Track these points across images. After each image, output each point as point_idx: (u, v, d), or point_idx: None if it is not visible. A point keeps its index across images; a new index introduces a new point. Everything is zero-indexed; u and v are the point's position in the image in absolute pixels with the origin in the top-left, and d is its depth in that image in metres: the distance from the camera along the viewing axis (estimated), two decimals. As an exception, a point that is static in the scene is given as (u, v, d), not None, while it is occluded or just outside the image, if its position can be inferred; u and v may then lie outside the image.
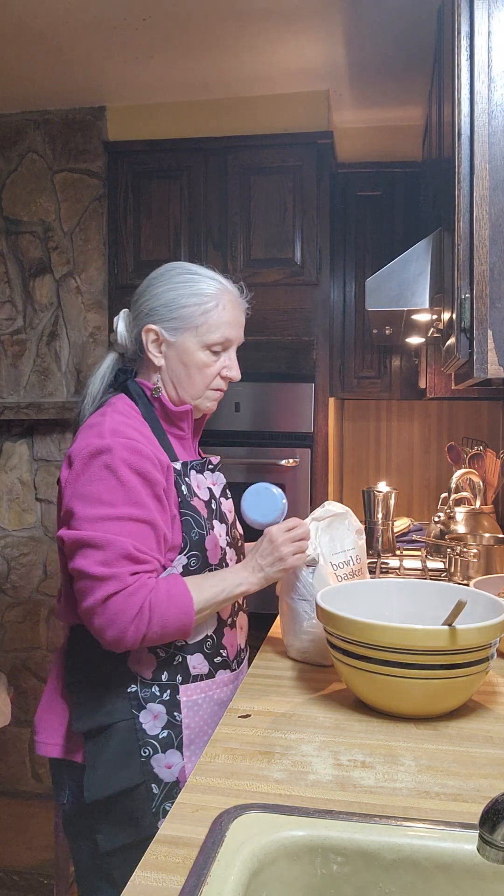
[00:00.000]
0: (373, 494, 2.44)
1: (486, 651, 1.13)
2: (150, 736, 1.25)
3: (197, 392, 1.36)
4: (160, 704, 1.26)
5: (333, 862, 0.82)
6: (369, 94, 2.89)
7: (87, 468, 1.21)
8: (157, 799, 1.24)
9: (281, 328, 2.90)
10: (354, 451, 3.58)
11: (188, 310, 1.32)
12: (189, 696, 1.28)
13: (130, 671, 1.26)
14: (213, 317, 1.33)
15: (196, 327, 1.32)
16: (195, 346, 1.33)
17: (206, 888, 0.73)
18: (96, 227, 3.03)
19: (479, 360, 1.22)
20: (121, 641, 1.18)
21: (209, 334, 1.33)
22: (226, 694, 1.34)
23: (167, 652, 1.28)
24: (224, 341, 1.35)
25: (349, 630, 1.14)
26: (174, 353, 1.34)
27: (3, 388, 3.13)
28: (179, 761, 1.26)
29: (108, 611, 1.16)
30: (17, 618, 3.12)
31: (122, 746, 1.23)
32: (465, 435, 3.35)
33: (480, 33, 1.22)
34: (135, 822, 1.23)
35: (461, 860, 0.80)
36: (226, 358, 1.37)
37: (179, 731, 1.26)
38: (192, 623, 1.22)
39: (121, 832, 1.23)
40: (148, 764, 1.24)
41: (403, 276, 1.69)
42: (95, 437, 1.23)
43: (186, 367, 1.34)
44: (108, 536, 1.17)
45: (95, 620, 1.18)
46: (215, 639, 1.33)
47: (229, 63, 2.68)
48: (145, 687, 1.26)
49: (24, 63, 2.66)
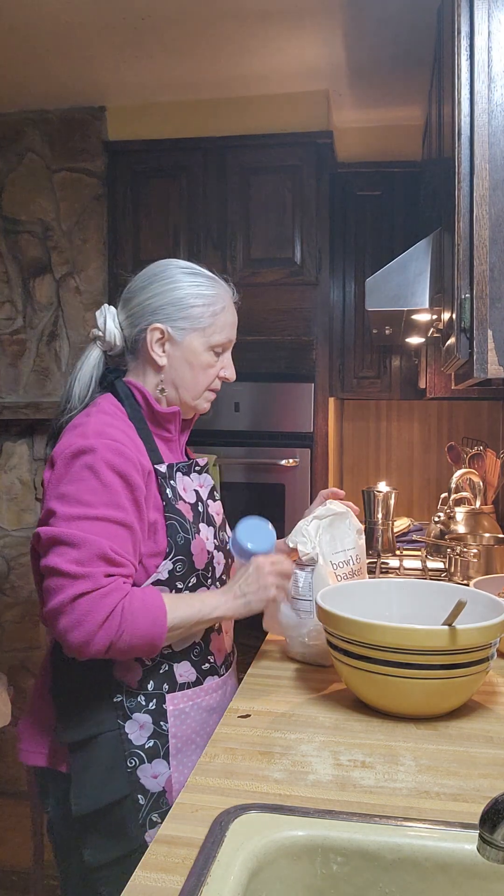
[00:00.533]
0: (373, 494, 2.44)
1: (486, 651, 1.13)
2: (135, 746, 1.22)
3: (198, 392, 1.36)
4: (146, 714, 1.23)
5: (333, 862, 0.82)
6: (369, 94, 2.89)
7: (69, 468, 1.18)
8: (143, 810, 1.21)
9: (281, 328, 2.89)
10: (354, 451, 3.58)
11: (197, 310, 1.31)
12: (176, 704, 1.26)
13: (116, 680, 1.23)
14: (221, 318, 1.34)
15: (204, 328, 1.32)
16: (201, 346, 1.32)
17: (206, 888, 0.73)
18: (95, 226, 3.03)
19: (479, 360, 1.22)
20: (86, 646, 1.12)
21: (215, 335, 1.33)
22: (214, 700, 1.32)
23: (153, 660, 1.25)
24: (226, 342, 1.36)
25: (349, 630, 1.14)
26: (179, 353, 1.32)
27: (3, 387, 3.13)
28: (166, 771, 1.23)
29: (76, 610, 1.11)
30: (16, 618, 3.12)
31: (109, 758, 1.21)
32: (465, 435, 3.35)
33: (480, 33, 1.22)
34: (122, 834, 1.20)
35: (461, 860, 0.80)
36: (223, 359, 1.38)
37: (166, 740, 1.24)
38: (163, 639, 1.17)
39: (108, 846, 1.20)
40: (134, 775, 1.21)
41: (403, 276, 1.69)
42: (79, 438, 1.21)
43: (192, 367, 1.33)
44: (84, 535, 1.14)
45: (61, 620, 1.12)
46: (203, 645, 1.31)
47: (229, 63, 2.67)
48: (131, 697, 1.23)
49: (24, 62, 2.66)
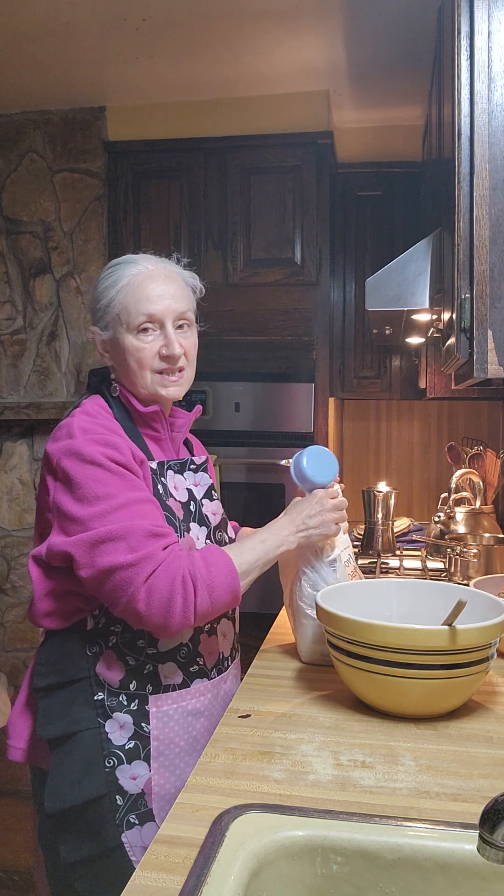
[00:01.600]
0: (373, 494, 2.44)
1: (486, 651, 1.13)
2: (115, 746, 1.20)
3: (143, 380, 1.29)
4: (127, 714, 1.22)
5: (333, 862, 0.82)
6: (369, 94, 2.89)
7: (70, 471, 1.17)
8: (121, 811, 1.19)
9: (281, 328, 2.90)
10: (354, 451, 3.58)
11: (104, 301, 1.30)
12: (159, 706, 1.23)
13: (98, 678, 1.22)
14: (129, 298, 1.27)
15: (118, 315, 1.28)
16: (123, 333, 1.28)
17: (206, 888, 0.73)
18: (96, 226, 3.03)
19: (479, 360, 1.22)
20: (171, 620, 1.13)
21: (130, 317, 1.27)
22: (202, 704, 1.29)
23: (137, 660, 1.23)
24: (149, 318, 1.27)
25: (349, 630, 1.14)
26: (111, 348, 1.31)
27: (3, 388, 3.13)
28: (146, 773, 1.21)
29: (152, 592, 1.12)
30: (17, 618, 3.12)
31: (87, 756, 1.19)
32: (465, 435, 3.35)
33: (480, 33, 1.22)
34: (97, 833, 1.18)
35: (461, 860, 0.80)
36: (162, 336, 1.29)
37: (147, 742, 1.22)
38: (240, 586, 1.19)
39: (83, 843, 1.19)
40: (112, 775, 1.20)
41: (403, 276, 1.69)
42: (66, 439, 1.20)
43: (123, 356, 1.29)
44: (122, 524, 1.13)
45: (141, 608, 1.12)
46: (191, 647, 1.28)
47: (229, 63, 2.67)
48: (112, 696, 1.22)
49: (24, 63, 2.66)
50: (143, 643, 1.23)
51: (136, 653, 1.23)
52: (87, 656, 1.22)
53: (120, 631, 1.23)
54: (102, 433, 1.22)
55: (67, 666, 1.23)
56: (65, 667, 1.23)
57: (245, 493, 2.88)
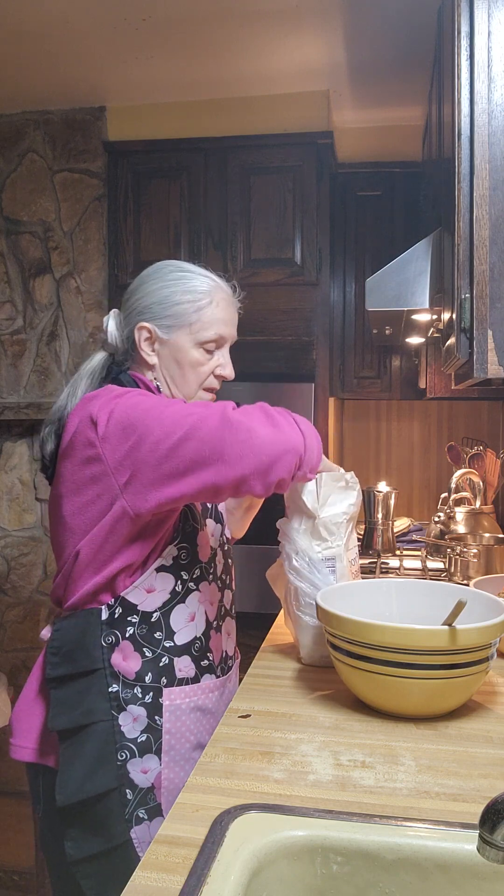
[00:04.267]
0: (373, 494, 2.44)
1: (486, 651, 1.13)
2: (128, 739, 1.20)
3: (190, 391, 1.35)
4: (141, 707, 1.22)
5: (333, 862, 0.82)
6: (369, 94, 2.89)
7: (128, 400, 1.20)
8: (130, 805, 1.19)
9: (281, 328, 2.90)
10: (354, 451, 3.58)
11: (182, 307, 1.31)
12: (172, 699, 1.24)
13: (113, 669, 1.22)
14: (207, 314, 1.32)
15: (190, 325, 1.31)
16: (189, 343, 1.32)
17: (207, 888, 0.73)
18: (96, 227, 3.03)
19: (479, 360, 1.22)
20: (254, 432, 1.18)
21: (203, 332, 1.32)
22: (210, 701, 1.30)
23: (154, 652, 1.24)
24: (218, 339, 1.34)
25: (349, 630, 1.14)
26: (167, 352, 1.32)
27: (3, 388, 3.13)
28: (156, 766, 1.22)
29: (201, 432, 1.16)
30: (17, 618, 3.12)
31: (99, 749, 1.19)
32: (465, 435, 3.35)
33: (480, 33, 1.22)
34: (106, 828, 1.18)
35: (461, 860, 0.80)
36: (219, 356, 1.36)
37: (159, 735, 1.22)
38: (300, 432, 1.25)
39: (91, 839, 1.18)
40: (124, 768, 1.20)
41: (403, 276, 1.69)
42: (107, 393, 1.22)
43: (180, 364, 1.33)
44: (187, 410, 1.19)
45: (223, 433, 1.16)
46: (203, 640, 1.30)
47: (229, 63, 2.67)
48: (127, 687, 1.22)
49: (24, 63, 2.66)
50: (161, 635, 1.24)
51: (153, 644, 1.24)
52: (102, 647, 1.22)
53: (137, 622, 1.24)
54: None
55: (81, 656, 1.22)
56: (78, 657, 1.22)
57: (245, 493, 2.87)
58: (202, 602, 1.31)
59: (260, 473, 1.17)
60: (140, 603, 1.24)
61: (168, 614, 1.26)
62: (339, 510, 1.39)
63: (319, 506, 1.37)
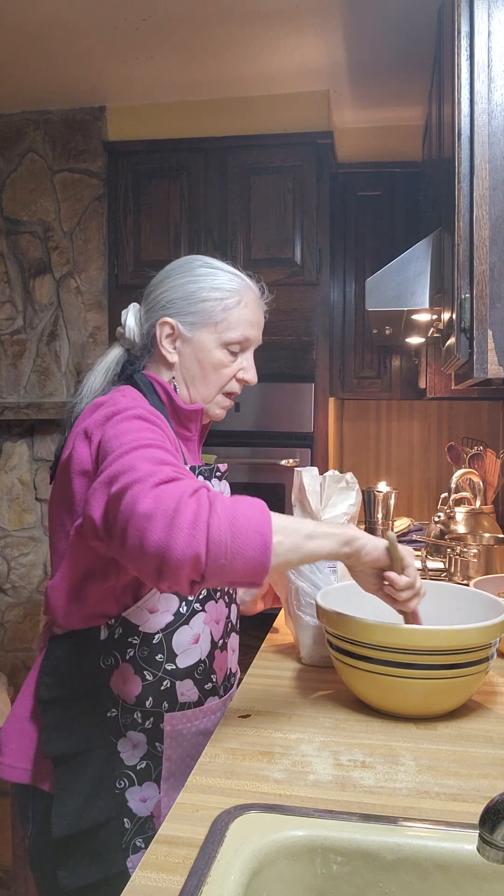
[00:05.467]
0: (373, 494, 2.44)
1: (486, 651, 1.13)
2: (127, 766, 1.15)
3: (210, 394, 1.27)
4: (141, 733, 1.16)
5: (333, 862, 0.82)
6: (369, 94, 2.89)
7: (115, 426, 1.07)
8: (128, 834, 1.14)
9: (281, 328, 2.90)
10: (354, 451, 3.58)
11: (209, 304, 1.23)
12: (174, 725, 1.18)
13: (112, 693, 1.15)
14: (235, 314, 1.24)
15: (215, 323, 1.23)
16: (213, 343, 1.24)
17: (207, 888, 0.73)
18: (96, 227, 3.03)
19: (479, 360, 1.22)
20: (175, 536, 0.89)
21: (228, 332, 1.24)
22: (212, 723, 1.23)
23: (154, 675, 1.17)
24: (243, 340, 1.27)
25: (349, 630, 1.14)
26: (189, 350, 1.24)
27: (3, 388, 3.13)
28: (155, 795, 1.16)
29: (160, 496, 0.92)
30: (17, 618, 3.12)
31: (97, 776, 1.12)
32: (465, 435, 3.35)
33: (480, 33, 1.22)
34: (102, 858, 1.11)
35: (461, 860, 0.80)
36: (243, 359, 1.28)
37: (159, 762, 1.16)
38: (270, 547, 0.93)
39: (86, 869, 1.11)
40: (122, 797, 1.14)
41: (403, 276, 1.69)
42: (110, 406, 1.11)
43: (202, 365, 1.25)
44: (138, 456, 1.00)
45: (143, 508, 0.91)
46: (207, 663, 1.23)
47: (229, 63, 2.68)
48: (126, 712, 1.15)
49: (25, 63, 2.66)
50: (162, 657, 1.18)
51: (154, 667, 1.17)
52: (101, 668, 1.16)
53: (138, 644, 1.17)
54: (146, 407, 1.14)
55: (78, 678, 1.16)
56: (75, 679, 1.16)
57: (245, 493, 2.87)
58: (208, 623, 1.24)
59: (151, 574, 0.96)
60: (142, 623, 1.17)
61: (171, 636, 1.19)
62: (339, 510, 1.39)
63: (322, 507, 1.37)
